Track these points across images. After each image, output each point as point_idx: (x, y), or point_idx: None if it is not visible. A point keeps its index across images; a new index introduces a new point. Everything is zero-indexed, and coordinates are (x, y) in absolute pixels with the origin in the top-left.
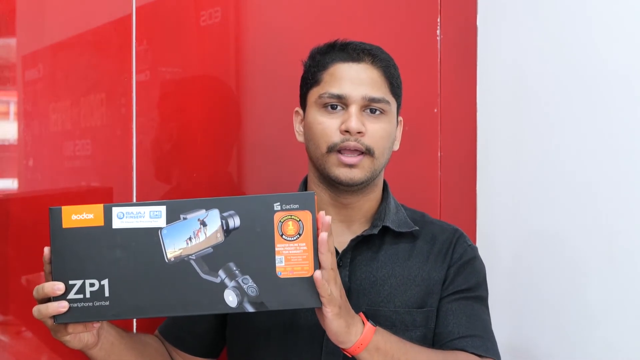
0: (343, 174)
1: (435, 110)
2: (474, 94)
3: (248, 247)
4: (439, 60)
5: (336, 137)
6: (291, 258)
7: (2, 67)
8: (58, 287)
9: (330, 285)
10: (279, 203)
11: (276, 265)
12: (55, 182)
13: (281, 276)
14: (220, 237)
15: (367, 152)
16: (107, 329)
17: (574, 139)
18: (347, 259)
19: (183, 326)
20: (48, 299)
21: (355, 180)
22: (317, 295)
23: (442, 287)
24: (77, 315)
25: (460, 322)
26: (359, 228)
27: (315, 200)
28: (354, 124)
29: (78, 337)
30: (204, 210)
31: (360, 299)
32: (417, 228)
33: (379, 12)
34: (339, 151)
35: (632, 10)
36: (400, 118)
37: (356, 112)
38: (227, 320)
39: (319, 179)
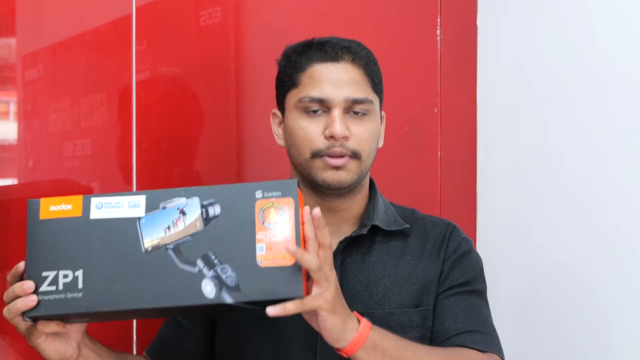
0: (330, 176)
1: (435, 110)
2: (474, 94)
3: (228, 236)
4: (439, 60)
5: (320, 144)
6: (272, 246)
7: (2, 67)
8: (27, 285)
9: (326, 266)
10: (260, 190)
11: (257, 253)
12: (55, 182)
13: (262, 265)
14: (199, 226)
15: (354, 155)
16: (89, 345)
17: (574, 138)
18: (337, 262)
19: (170, 344)
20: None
21: (342, 182)
22: (300, 284)
23: (437, 284)
24: (48, 308)
25: (457, 317)
26: (348, 230)
27: (297, 188)
28: (338, 129)
29: (54, 346)
30: (184, 199)
31: (353, 302)
32: (407, 225)
33: (379, 12)
34: (327, 155)
35: (633, 9)
36: (383, 113)
37: (339, 116)
38: (215, 336)
39: (303, 183)
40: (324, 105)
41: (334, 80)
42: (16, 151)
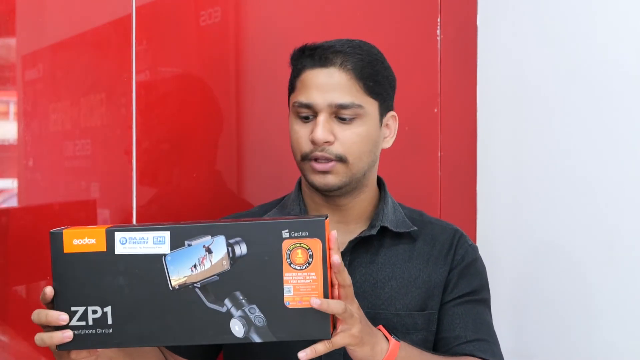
0: (317, 180)
1: (435, 110)
2: (474, 94)
3: (255, 276)
4: (439, 60)
5: (307, 147)
6: (300, 288)
7: (2, 67)
8: (62, 317)
9: (347, 301)
10: (287, 230)
11: (284, 294)
12: (55, 183)
13: (289, 306)
14: (226, 265)
15: (339, 160)
16: None
17: (575, 138)
18: (346, 261)
19: None
20: (50, 326)
21: (330, 185)
22: (327, 326)
23: (444, 290)
24: (80, 342)
25: (467, 326)
26: (356, 228)
27: (325, 226)
28: (319, 134)
29: None
30: (209, 237)
31: (360, 301)
32: (415, 228)
33: (379, 12)
34: (313, 159)
35: (633, 8)
36: (393, 114)
37: (322, 122)
38: None
39: (306, 183)
40: (312, 111)
41: (320, 85)
42: (16, 151)
